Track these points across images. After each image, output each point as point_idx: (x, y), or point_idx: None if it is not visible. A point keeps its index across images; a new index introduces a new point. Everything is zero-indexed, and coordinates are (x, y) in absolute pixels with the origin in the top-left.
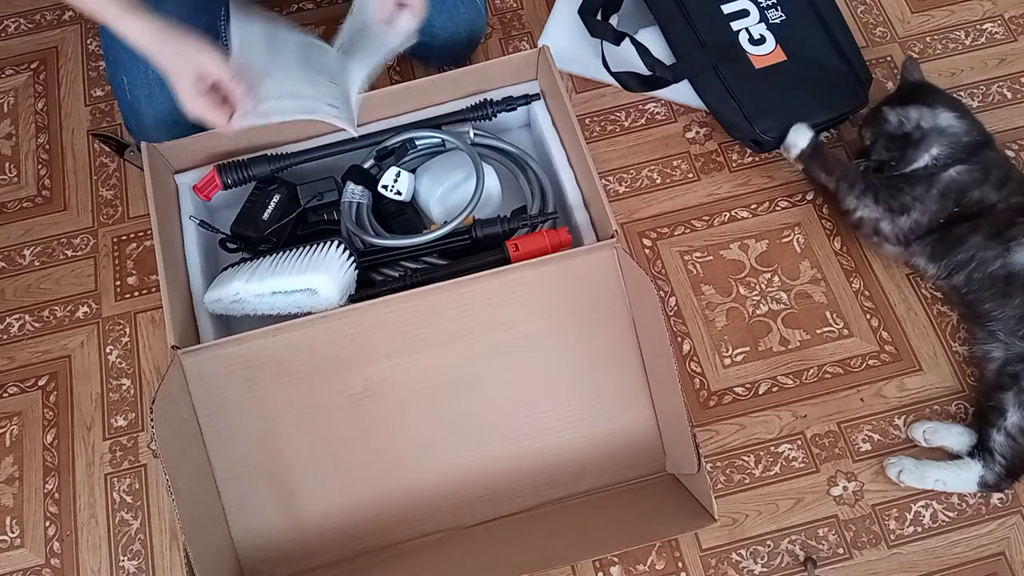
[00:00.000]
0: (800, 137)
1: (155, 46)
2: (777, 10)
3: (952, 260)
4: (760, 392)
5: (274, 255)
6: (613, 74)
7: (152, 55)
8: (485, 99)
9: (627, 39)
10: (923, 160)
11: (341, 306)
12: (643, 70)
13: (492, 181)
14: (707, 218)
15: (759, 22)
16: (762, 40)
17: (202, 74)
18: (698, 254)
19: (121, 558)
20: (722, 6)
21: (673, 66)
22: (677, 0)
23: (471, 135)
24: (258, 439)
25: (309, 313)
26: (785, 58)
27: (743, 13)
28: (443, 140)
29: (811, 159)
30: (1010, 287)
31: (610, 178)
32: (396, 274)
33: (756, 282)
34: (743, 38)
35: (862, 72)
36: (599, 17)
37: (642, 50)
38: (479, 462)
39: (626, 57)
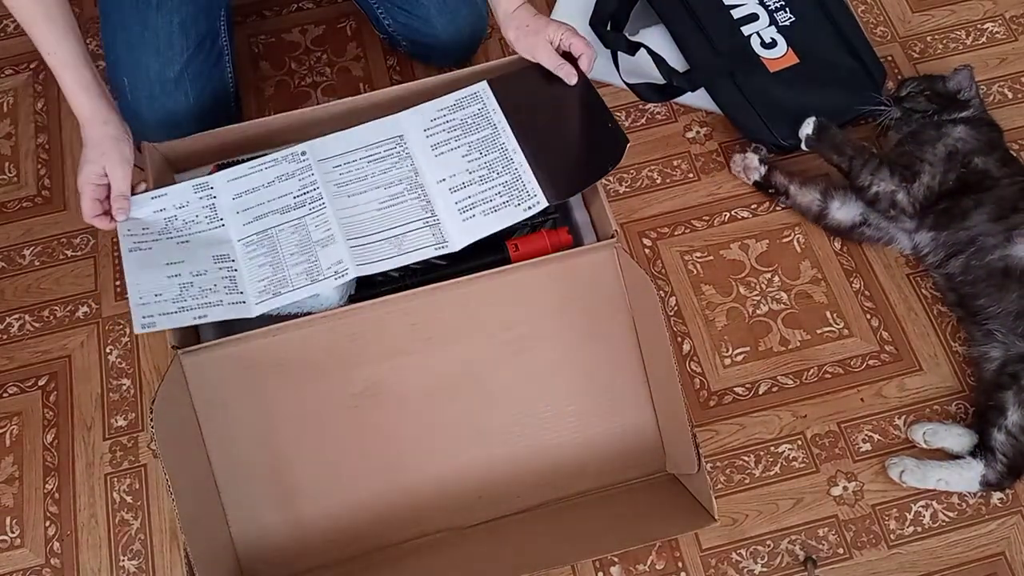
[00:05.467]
0: (805, 126)
1: (96, 126)
2: (786, 12)
3: (954, 236)
4: (760, 392)
5: None
6: (629, 86)
7: (91, 129)
8: None
9: (642, 49)
10: (966, 113)
11: (341, 306)
12: (656, 78)
13: None
14: (707, 218)
15: (769, 25)
16: (773, 44)
17: (103, 173)
18: (698, 254)
19: (121, 558)
20: (731, 11)
21: (689, 74)
22: (687, 8)
23: None
24: (258, 439)
25: (309, 313)
26: (798, 60)
27: (752, 17)
28: None
29: (819, 142)
30: (1007, 280)
31: (610, 178)
32: (396, 274)
33: (756, 282)
34: (755, 42)
35: (875, 69)
36: (609, 28)
37: (658, 60)
38: (479, 462)
39: (637, 65)
